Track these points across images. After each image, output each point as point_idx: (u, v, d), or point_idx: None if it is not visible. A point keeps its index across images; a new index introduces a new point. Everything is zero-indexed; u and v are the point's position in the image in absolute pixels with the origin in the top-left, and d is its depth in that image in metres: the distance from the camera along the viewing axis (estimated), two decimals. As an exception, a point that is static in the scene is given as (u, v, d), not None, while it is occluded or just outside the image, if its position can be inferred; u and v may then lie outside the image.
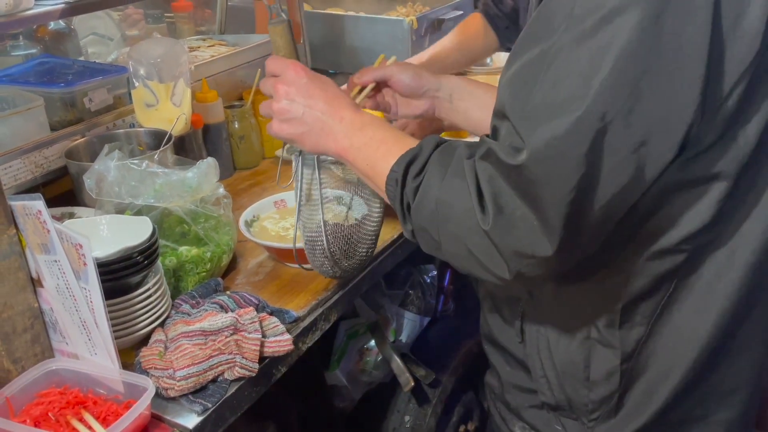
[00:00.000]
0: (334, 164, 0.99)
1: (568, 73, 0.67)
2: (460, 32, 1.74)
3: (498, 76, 0.79)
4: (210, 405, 0.92)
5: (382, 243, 1.29)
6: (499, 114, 0.74)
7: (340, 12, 2.09)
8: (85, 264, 0.87)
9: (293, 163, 1.00)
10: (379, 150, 0.85)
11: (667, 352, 0.82)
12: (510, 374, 0.98)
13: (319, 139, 0.89)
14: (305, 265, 1.13)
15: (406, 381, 1.47)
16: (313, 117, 0.89)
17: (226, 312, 1.03)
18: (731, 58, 0.68)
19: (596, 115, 0.65)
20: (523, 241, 0.71)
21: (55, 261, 0.89)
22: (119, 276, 0.97)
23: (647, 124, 0.66)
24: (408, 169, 0.80)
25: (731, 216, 0.77)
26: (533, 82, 0.69)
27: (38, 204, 0.86)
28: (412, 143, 0.84)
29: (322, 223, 0.99)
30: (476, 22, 1.73)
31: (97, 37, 2.00)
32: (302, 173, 0.98)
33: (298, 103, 0.89)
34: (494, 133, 0.76)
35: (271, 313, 1.06)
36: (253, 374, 0.96)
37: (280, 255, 1.23)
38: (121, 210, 1.12)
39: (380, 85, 1.12)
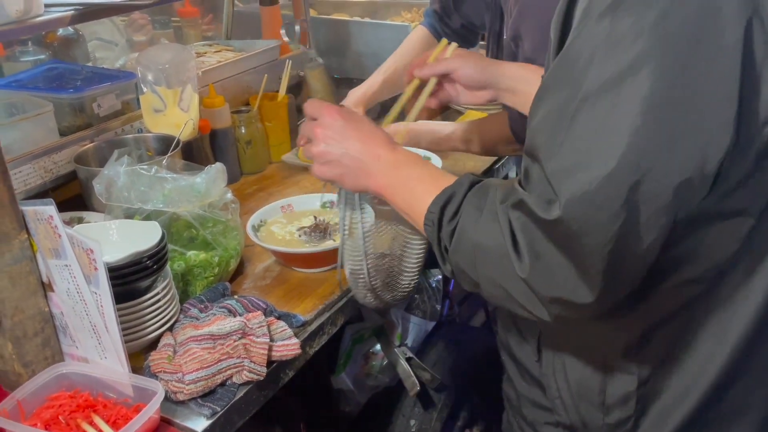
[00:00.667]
0: (376, 199, 1.00)
1: (596, 125, 0.66)
2: (407, 51, 1.66)
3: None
4: (218, 409, 0.93)
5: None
6: (531, 155, 0.73)
7: (346, 17, 2.10)
8: (96, 269, 0.87)
9: (337, 198, 1.04)
10: (416, 189, 0.86)
11: (683, 376, 0.82)
12: (526, 389, 0.98)
13: (358, 179, 0.91)
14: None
15: (412, 385, 1.47)
16: (350, 158, 0.91)
17: (235, 316, 1.03)
18: (765, 96, 0.67)
19: (630, 166, 0.65)
20: (563, 288, 0.70)
21: (66, 265, 0.90)
22: (129, 280, 0.97)
23: (681, 171, 0.66)
24: (444, 211, 0.80)
25: (751, 244, 0.76)
26: (560, 130, 0.68)
27: (50, 209, 0.87)
28: (448, 181, 0.84)
29: (364, 259, 1.01)
30: (422, 38, 1.65)
31: (101, 42, 2.02)
32: (345, 209, 1.01)
33: (336, 146, 0.91)
34: (526, 175, 0.74)
35: (279, 318, 1.07)
36: (261, 378, 0.96)
37: (287, 259, 1.24)
38: (130, 215, 1.13)
39: (441, 78, 1.13)
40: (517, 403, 1.02)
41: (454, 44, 1.17)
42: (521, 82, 1.13)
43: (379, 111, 1.84)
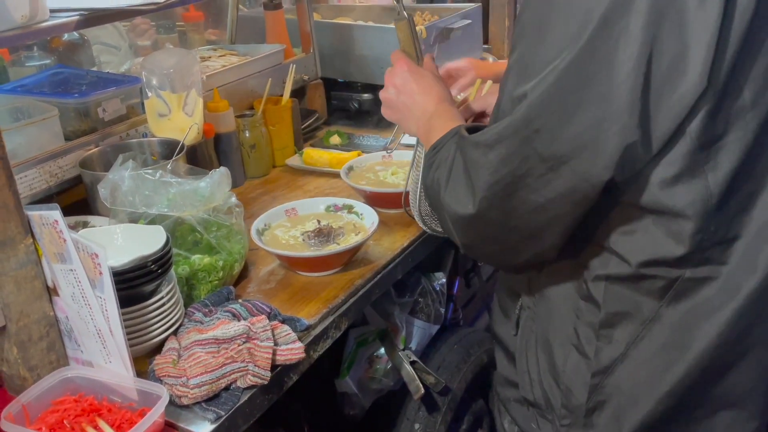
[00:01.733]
0: None
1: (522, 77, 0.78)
2: None
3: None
4: (223, 413, 0.93)
5: (391, 251, 1.30)
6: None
7: (349, 21, 2.11)
8: (101, 273, 0.88)
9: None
10: (433, 135, 1.01)
11: (637, 380, 0.82)
12: (504, 367, 1.02)
13: (409, 124, 1.11)
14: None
15: (416, 389, 1.47)
16: (404, 105, 1.10)
17: (239, 320, 1.03)
18: (671, 94, 0.69)
19: (527, 122, 0.76)
20: (458, 198, 0.86)
21: (71, 270, 0.90)
22: (133, 285, 0.98)
23: (572, 143, 0.73)
24: (431, 154, 0.98)
25: (720, 254, 0.76)
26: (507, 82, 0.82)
27: (55, 214, 0.88)
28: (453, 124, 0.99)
29: (419, 185, 1.16)
30: None
31: (104, 46, 2.02)
32: (417, 144, 1.17)
33: (396, 94, 1.11)
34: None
35: (283, 321, 1.07)
36: (266, 382, 0.97)
37: (291, 263, 1.24)
38: (134, 219, 1.14)
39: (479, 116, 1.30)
40: (495, 384, 1.05)
41: (489, 82, 1.34)
42: None
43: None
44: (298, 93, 1.92)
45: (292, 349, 1.01)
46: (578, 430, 0.89)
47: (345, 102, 2.03)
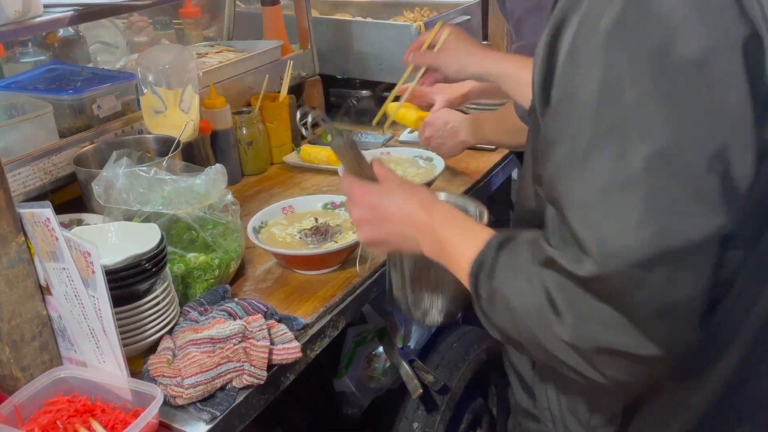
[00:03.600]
0: None
1: (608, 172, 0.62)
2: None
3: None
4: (218, 413, 0.92)
5: (390, 249, 1.29)
6: (551, 203, 0.69)
7: (348, 17, 2.09)
8: (93, 272, 0.86)
9: None
10: (453, 251, 0.84)
11: (668, 402, 0.79)
12: (522, 398, 0.97)
13: (409, 247, 0.91)
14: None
15: (415, 388, 1.46)
16: (389, 235, 0.91)
17: (235, 319, 1.02)
18: None
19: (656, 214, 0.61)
20: (619, 344, 0.64)
21: (64, 269, 0.89)
22: (127, 283, 0.96)
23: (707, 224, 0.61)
24: (478, 279, 0.77)
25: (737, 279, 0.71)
26: (574, 177, 0.65)
27: (47, 212, 0.86)
28: (479, 236, 0.81)
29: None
30: None
31: (103, 45, 2.01)
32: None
33: (376, 229, 0.92)
34: (550, 226, 0.71)
35: (280, 320, 1.06)
36: (262, 382, 0.95)
37: (288, 261, 1.23)
38: (129, 217, 1.12)
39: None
40: (515, 411, 1.01)
41: (447, 29, 1.25)
42: (505, 80, 1.19)
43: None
44: (296, 90, 1.90)
45: (289, 349, 0.99)
46: None
47: (343, 99, 2.02)
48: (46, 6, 1.18)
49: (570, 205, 0.65)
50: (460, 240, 0.83)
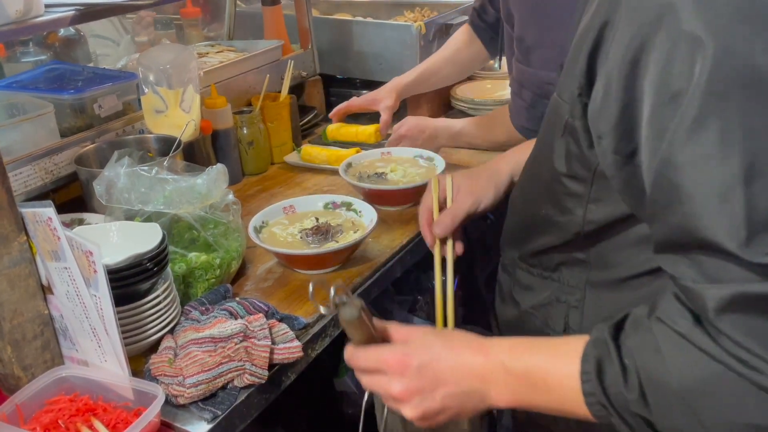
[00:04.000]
0: None
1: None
2: (449, 46, 1.76)
3: (506, 81, 0.73)
4: (220, 412, 0.92)
5: (390, 249, 1.29)
6: (692, 249, 0.58)
7: (348, 17, 2.09)
8: (95, 271, 0.87)
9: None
10: (547, 378, 0.68)
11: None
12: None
13: (477, 407, 0.73)
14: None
15: (416, 387, 1.46)
16: (454, 399, 0.72)
17: (236, 318, 1.02)
18: None
19: None
20: None
21: (66, 268, 0.89)
22: (129, 283, 0.96)
23: None
24: (603, 382, 0.62)
25: None
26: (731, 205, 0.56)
27: (49, 211, 0.86)
28: (566, 347, 0.67)
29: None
30: (464, 33, 1.74)
31: (101, 38, 2.00)
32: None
33: (431, 399, 0.72)
34: (690, 274, 0.59)
35: (281, 320, 1.06)
36: (263, 381, 0.95)
37: (289, 261, 1.23)
38: (130, 216, 1.12)
39: None
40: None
41: (449, 177, 1.11)
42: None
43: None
44: (297, 89, 1.90)
45: (290, 348, 0.99)
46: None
47: (344, 98, 2.01)
48: (47, 5, 1.18)
49: (731, 233, 0.55)
50: (548, 361, 0.67)
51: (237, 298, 1.11)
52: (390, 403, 0.76)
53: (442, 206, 1.10)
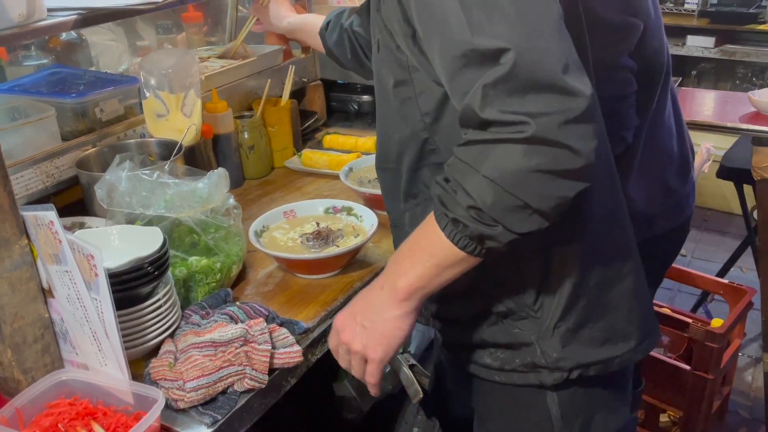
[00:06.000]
0: None
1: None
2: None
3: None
4: (220, 417, 0.92)
5: (391, 254, 1.29)
6: (457, 70, 0.78)
7: (350, 22, 2.10)
8: (96, 275, 0.87)
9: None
10: (420, 242, 0.85)
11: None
12: (460, 322, 1.01)
13: (388, 312, 0.90)
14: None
15: (415, 392, 1.45)
16: (365, 315, 0.91)
17: (236, 323, 1.02)
18: None
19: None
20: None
21: (67, 271, 0.89)
22: (130, 286, 0.97)
23: None
24: (447, 209, 0.79)
25: None
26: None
27: (50, 215, 0.87)
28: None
29: None
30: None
31: (103, 42, 2.00)
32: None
33: (351, 327, 0.92)
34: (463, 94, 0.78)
35: (281, 324, 1.06)
36: (263, 386, 0.96)
37: (290, 265, 1.23)
38: (131, 220, 1.13)
39: None
40: (457, 351, 1.06)
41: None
42: (302, 33, 1.59)
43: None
44: (298, 94, 1.91)
45: (290, 353, 1.00)
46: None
47: (344, 103, 2.02)
48: (50, 10, 1.18)
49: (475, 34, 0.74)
50: (413, 234, 0.86)
51: (237, 303, 1.11)
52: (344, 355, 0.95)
53: None
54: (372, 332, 0.90)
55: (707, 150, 2.11)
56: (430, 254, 0.83)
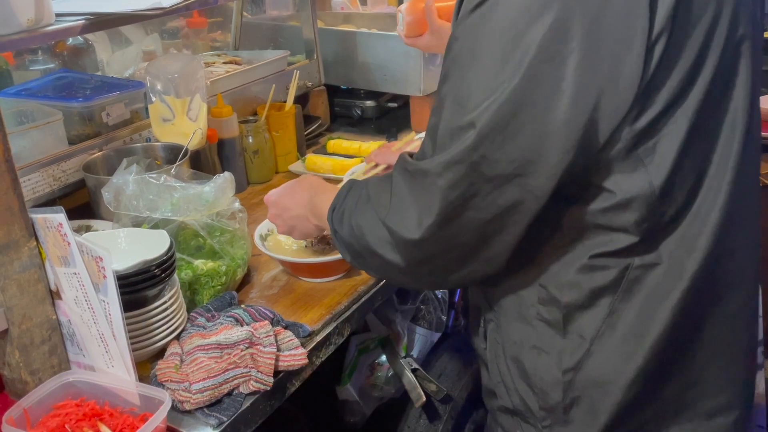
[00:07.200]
0: None
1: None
2: None
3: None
4: (225, 419, 0.92)
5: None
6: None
7: (353, 29, 2.11)
8: (105, 277, 0.87)
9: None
10: (322, 208, 1.07)
11: (605, 372, 0.86)
12: (485, 378, 1.04)
13: (303, 226, 1.17)
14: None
15: (418, 396, 1.46)
16: (293, 219, 1.17)
17: (242, 325, 1.03)
18: (609, 106, 0.74)
19: (474, 150, 0.77)
20: (404, 224, 0.85)
21: (75, 273, 0.90)
22: (137, 289, 0.97)
23: (515, 162, 0.76)
24: (332, 214, 1.01)
25: (663, 239, 0.82)
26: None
27: (60, 217, 0.88)
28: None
29: None
30: None
31: (109, 47, 2.01)
32: None
33: (282, 220, 1.19)
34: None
35: (286, 327, 1.06)
36: (268, 388, 0.96)
37: (294, 269, 1.24)
38: (138, 223, 1.13)
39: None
40: (483, 397, 1.07)
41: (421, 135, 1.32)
42: None
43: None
44: (302, 99, 1.92)
45: (295, 355, 1.00)
46: (559, 428, 0.91)
47: (348, 109, 2.03)
48: (58, 15, 1.20)
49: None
50: (326, 201, 1.04)
51: (243, 306, 1.11)
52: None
53: None
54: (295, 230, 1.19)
55: None
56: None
